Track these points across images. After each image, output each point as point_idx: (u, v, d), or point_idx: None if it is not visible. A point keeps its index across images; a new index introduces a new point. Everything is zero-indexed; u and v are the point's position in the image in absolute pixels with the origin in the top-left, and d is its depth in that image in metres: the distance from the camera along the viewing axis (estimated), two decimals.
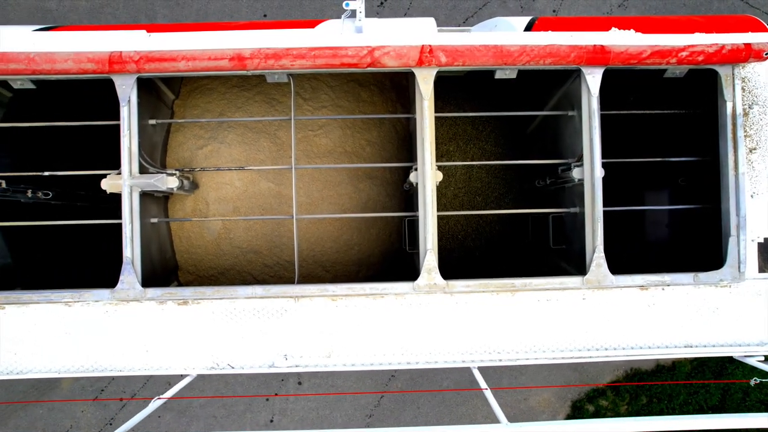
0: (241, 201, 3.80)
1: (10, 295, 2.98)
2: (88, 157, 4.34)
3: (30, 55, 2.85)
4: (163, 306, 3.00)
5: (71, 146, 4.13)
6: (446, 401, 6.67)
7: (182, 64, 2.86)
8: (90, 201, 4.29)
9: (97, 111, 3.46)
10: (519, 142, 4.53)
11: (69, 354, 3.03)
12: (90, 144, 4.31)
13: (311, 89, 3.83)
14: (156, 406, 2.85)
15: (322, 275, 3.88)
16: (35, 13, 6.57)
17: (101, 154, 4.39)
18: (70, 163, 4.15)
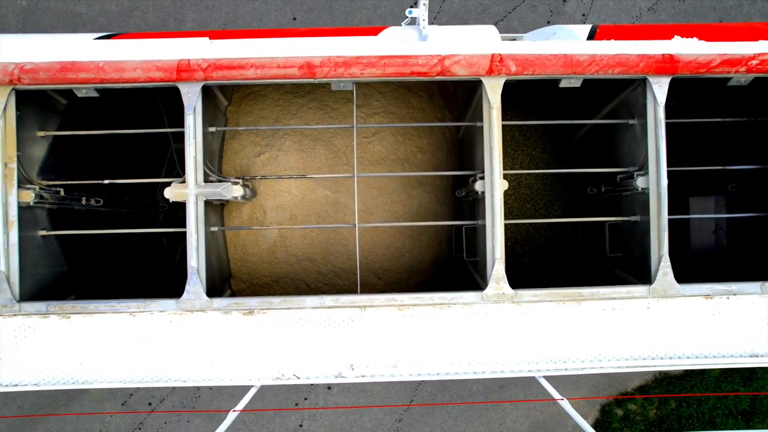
0: (298, 209, 3.78)
1: (77, 305, 2.96)
2: (132, 165, 4.33)
3: (99, 64, 2.84)
4: (228, 316, 2.98)
5: (117, 154, 4.11)
6: (476, 406, 6.66)
7: (251, 72, 2.84)
8: (134, 208, 4.28)
9: (128, 119, 3.46)
10: (565, 149, 4.52)
11: (133, 364, 3.01)
12: (134, 152, 4.30)
13: (363, 96, 3.82)
14: (233, 418, 2.83)
15: (374, 282, 3.87)
16: (64, 17, 6.54)
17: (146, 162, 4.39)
18: (115, 171, 4.14)
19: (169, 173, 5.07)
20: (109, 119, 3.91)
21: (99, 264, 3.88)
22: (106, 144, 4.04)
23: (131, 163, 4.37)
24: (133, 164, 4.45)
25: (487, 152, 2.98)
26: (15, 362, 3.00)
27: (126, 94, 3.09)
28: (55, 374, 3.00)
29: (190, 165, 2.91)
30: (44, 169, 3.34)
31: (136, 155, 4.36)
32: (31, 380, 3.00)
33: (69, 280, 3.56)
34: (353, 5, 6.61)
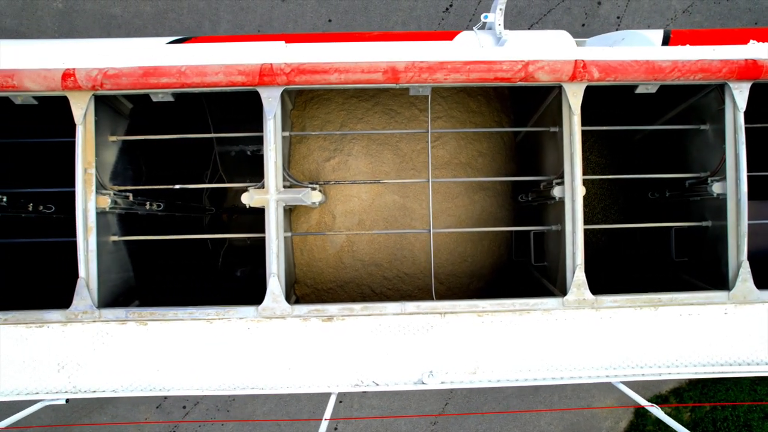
0: (367, 214, 3.77)
1: (155, 312, 2.95)
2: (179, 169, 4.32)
3: (181, 69, 2.82)
4: (307, 323, 2.97)
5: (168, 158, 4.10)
6: (510, 407, 6.66)
7: (334, 77, 2.83)
8: (186, 212, 4.26)
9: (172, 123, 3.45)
10: (621, 153, 4.51)
11: (210, 372, 2.99)
12: (180, 156, 4.29)
13: (423, 100, 3.80)
14: (325, 426, 2.82)
15: (436, 287, 3.85)
16: (100, 20, 6.51)
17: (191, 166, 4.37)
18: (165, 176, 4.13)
19: (212, 177, 5.06)
20: (160, 123, 3.90)
21: (160, 269, 3.87)
22: (157, 148, 4.03)
23: (179, 167, 4.36)
24: (180, 168, 4.44)
25: (567, 158, 2.98)
26: (93, 369, 2.98)
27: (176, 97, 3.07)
28: (133, 381, 2.99)
29: (270, 171, 2.89)
30: (114, 174, 3.33)
31: (182, 159, 4.36)
32: (109, 387, 2.99)
33: (134, 286, 3.54)
34: (389, 7, 6.60)
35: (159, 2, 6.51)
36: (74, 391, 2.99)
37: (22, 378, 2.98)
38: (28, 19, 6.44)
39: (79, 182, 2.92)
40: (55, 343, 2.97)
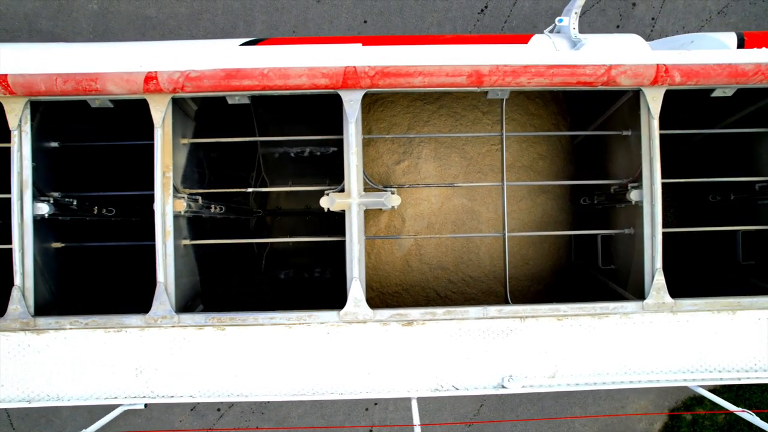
0: (436, 217, 3.75)
1: (235, 317, 2.93)
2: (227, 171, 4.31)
3: (264, 71, 2.80)
4: (387, 327, 2.95)
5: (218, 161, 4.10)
6: (545, 409, 6.65)
7: (418, 80, 2.81)
8: (239, 214, 4.25)
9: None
10: (674, 155, 4.50)
11: (287, 377, 2.98)
12: (228, 158, 4.30)
13: (488, 103, 3.79)
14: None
15: (498, 290, 3.84)
16: (135, 21, 6.48)
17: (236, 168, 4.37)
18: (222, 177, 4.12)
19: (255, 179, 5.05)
20: (216, 125, 3.90)
21: (222, 273, 3.86)
22: (215, 151, 4.02)
23: (230, 169, 4.36)
24: (230, 171, 4.44)
25: (645, 162, 2.97)
26: (170, 374, 2.96)
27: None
28: (210, 387, 2.97)
29: (352, 174, 2.88)
30: (184, 177, 3.31)
31: (233, 162, 4.36)
32: (186, 392, 2.97)
33: (200, 290, 3.52)
34: (424, 8, 6.58)
35: (194, 3, 6.48)
36: (152, 396, 2.97)
37: (101, 382, 2.96)
38: (64, 21, 6.41)
39: (158, 186, 2.90)
40: (133, 348, 2.95)
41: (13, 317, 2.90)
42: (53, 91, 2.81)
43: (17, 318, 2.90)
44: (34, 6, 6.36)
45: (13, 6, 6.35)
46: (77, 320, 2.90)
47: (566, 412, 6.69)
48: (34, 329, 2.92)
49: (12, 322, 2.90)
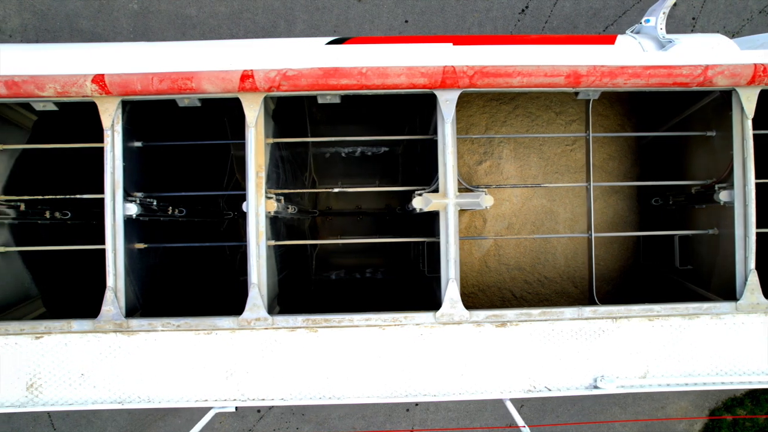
0: (516, 217, 3.74)
1: (329, 318, 2.91)
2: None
3: (362, 70, 2.78)
4: (480, 328, 2.93)
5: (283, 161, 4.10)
6: (585, 410, 6.64)
7: (516, 80, 2.79)
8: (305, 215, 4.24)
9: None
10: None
11: (379, 379, 2.96)
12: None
13: (560, 103, 3.78)
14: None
15: (570, 291, 3.83)
16: (175, 20, 6.45)
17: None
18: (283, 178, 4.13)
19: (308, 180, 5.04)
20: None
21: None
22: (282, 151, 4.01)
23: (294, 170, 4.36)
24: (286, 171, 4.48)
25: (738, 162, 2.95)
26: (261, 376, 2.94)
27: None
28: (301, 389, 2.95)
29: (449, 175, 2.86)
30: (268, 178, 3.29)
31: (291, 162, 4.37)
32: (277, 395, 2.95)
33: (278, 291, 3.50)
34: (465, 8, 6.56)
35: (234, 2, 6.45)
36: (242, 398, 2.94)
37: (192, 385, 2.93)
38: (104, 21, 6.37)
39: (251, 186, 2.88)
40: (223, 350, 2.93)
41: (106, 318, 2.88)
42: (148, 91, 2.79)
43: (111, 319, 2.88)
44: (75, 6, 6.32)
45: (54, 6, 6.31)
46: (169, 322, 2.88)
47: (606, 412, 6.68)
48: (126, 331, 2.89)
49: (106, 323, 2.88)
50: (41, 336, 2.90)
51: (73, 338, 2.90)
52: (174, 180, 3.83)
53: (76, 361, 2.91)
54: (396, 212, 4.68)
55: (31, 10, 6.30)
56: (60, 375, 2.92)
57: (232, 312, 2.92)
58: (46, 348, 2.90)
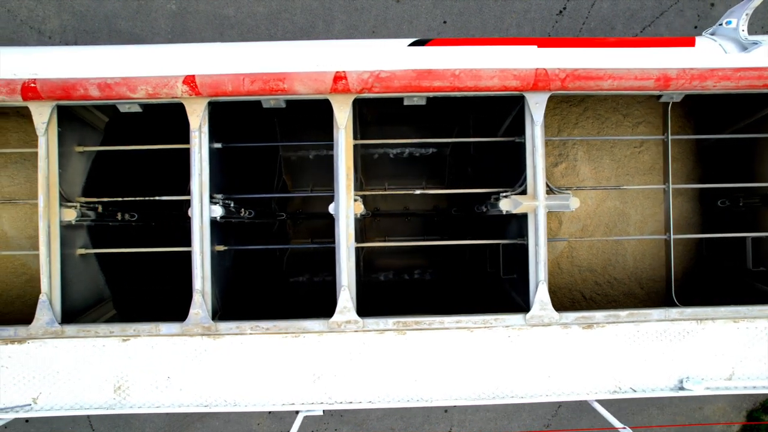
0: (591, 219, 3.75)
1: (420, 320, 2.91)
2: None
3: (455, 72, 2.78)
4: (567, 330, 2.93)
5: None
6: (622, 410, 6.64)
7: (607, 83, 2.80)
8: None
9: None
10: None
11: (467, 380, 2.95)
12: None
13: (626, 105, 3.78)
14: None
15: (636, 292, 3.84)
16: (213, 20, 6.43)
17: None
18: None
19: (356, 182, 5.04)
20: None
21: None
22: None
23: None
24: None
25: None
26: (348, 379, 2.94)
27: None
28: (389, 391, 2.94)
29: (538, 177, 2.86)
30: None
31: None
32: (365, 398, 2.94)
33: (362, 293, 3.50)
34: (503, 9, 6.57)
35: (272, 3, 6.44)
36: (330, 402, 2.94)
37: (278, 388, 2.92)
38: (143, 21, 6.35)
39: (341, 188, 2.87)
40: (311, 353, 2.92)
41: (195, 322, 2.87)
42: (239, 92, 2.78)
43: (199, 323, 2.87)
44: (114, 7, 6.30)
45: (93, 7, 6.29)
46: (258, 325, 2.87)
47: (643, 413, 6.69)
48: (214, 334, 2.88)
49: (194, 326, 2.87)
50: (128, 339, 2.89)
51: (160, 341, 2.90)
52: (240, 182, 3.82)
53: (163, 364, 2.90)
54: (452, 214, 4.68)
55: (71, 12, 6.28)
56: (147, 378, 2.91)
57: (286, 314, 2.93)
58: (133, 351, 2.89)
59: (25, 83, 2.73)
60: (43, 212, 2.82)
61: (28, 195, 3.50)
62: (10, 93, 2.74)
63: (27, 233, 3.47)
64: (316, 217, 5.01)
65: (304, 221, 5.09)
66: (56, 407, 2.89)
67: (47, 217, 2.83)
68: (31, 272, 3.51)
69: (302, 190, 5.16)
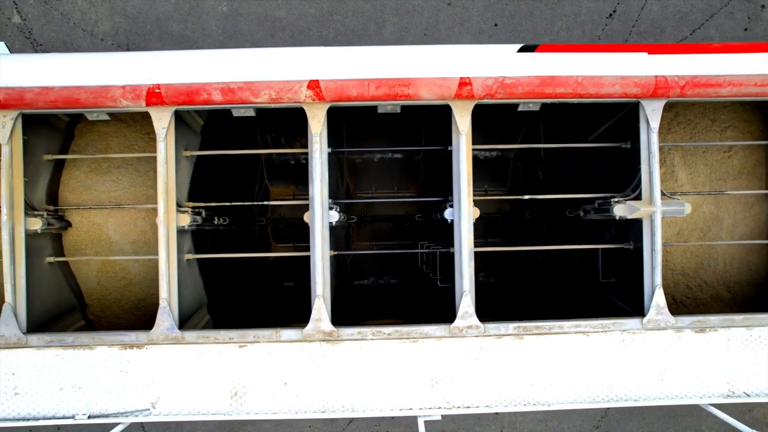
0: (687, 223, 3.77)
1: (540, 325, 2.92)
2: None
3: (578, 80, 2.79)
4: (680, 334, 2.95)
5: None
6: (672, 412, 6.68)
7: (726, 90, 2.81)
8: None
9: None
10: None
11: (583, 384, 2.96)
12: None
13: (713, 110, 3.81)
14: None
15: (723, 295, 3.86)
16: (264, 22, 6.42)
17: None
18: None
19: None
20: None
21: None
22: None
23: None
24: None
25: None
26: (466, 384, 2.94)
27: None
28: (507, 396, 2.95)
29: (655, 183, 2.87)
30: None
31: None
32: (482, 402, 2.95)
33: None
34: (554, 12, 6.58)
35: (323, 5, 6.43)
36: (448, 406, 2.94)
37: (396, 393, 2.93)
38: (194, 23, 6.34)
39: (464, 193, 2.87)
40: (429, 358, 2.93)
41: (316, 328, 2.87)
42: (363, 97, 2.78)
43: (320, 329, 2.87)
44: (165, 9, 6.29)
45: (145, 9, 6.27)
46: (380, 330, 2.87)
47: (692, 415, 6.72)
48: (334, 340, 2.88)
49: (315, 332, 2.87)
50: (245, 345, 2.88)
51: (277, 347, 2.90)
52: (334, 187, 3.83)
53: (279, 370, 2.90)
54: (525, 217, 4.70)
55: (123, 14, 6.26)
56: (263, 384, 2.91)
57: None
58: (250, 357, 2.89)
59: (150, 89, 2.72)
60: (164, 217, 2.81)
61: (132, 200, 3.49)
62: (135, 99, 2.73)
63: (131, 238, 3.46)
64: (380, 220, 5.05)
65: (370, 223, 5.13)
66: (174, 412, 2.88)
67: (167, 222, 2.83)
68: (130, 277, 3.50)
69: (366, 193, 5.18)
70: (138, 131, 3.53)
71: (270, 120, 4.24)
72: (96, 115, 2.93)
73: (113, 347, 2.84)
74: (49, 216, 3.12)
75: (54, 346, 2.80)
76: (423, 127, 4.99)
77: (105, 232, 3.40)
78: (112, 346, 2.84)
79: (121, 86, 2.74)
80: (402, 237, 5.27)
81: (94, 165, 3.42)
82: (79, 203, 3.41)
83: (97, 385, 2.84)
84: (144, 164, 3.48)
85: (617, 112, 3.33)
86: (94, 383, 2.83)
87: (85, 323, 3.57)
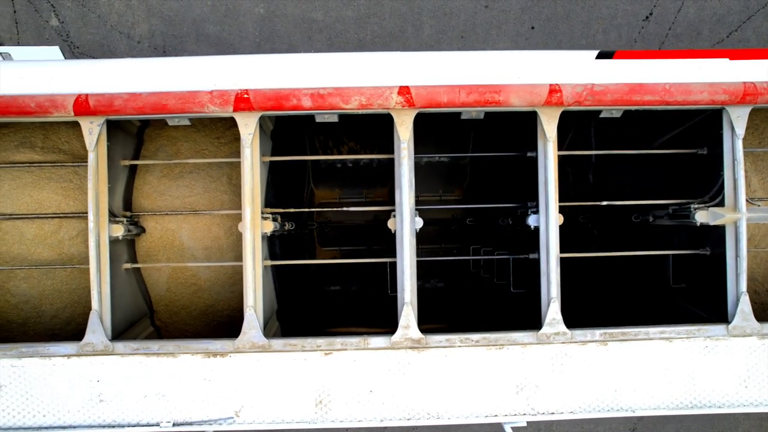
0: (757, 229, 3.74)
1: (626, 331, 2.91)
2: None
3: (666, 87, 2.78)
4: (764, 340, 2.95)
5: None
6: (708, 414, 6.68)
7: None
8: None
9: None
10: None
11: (665, 390, 2.96)
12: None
13: (766, 118, 3.83)
14: None
15: (755, 299, 3.89)
16: (301, 24, 6.40)
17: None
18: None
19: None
20: None
21: None
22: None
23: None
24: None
25: None
26: (551, 390, 2.93)
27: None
28: (591, 402, 2.95)
29: (740, 189, 2.87)
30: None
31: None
32: (566, 408, 2.94)
33: None
34: (590, 15, 6.59)
35: (361, 7, 6.42)
36: (532, 413, 2.93)
37: (481, 400, 2.92)
38: (230, 25, 6.32)
39: (551, 199, 2.87)
40: (514, 365, 2.92)
41: (404, 335, 2.86)
42: (453, 103, 2.77)
43: (409, 336, 2.85)
44: (202, 11, 6.26)
45: (181, 12, 6.25)
46: (468, 338, 2.86)
47: (729, 418, 6.74)
48: (422, 347, 2.87)
49: (403, 339, 2.86)
50: (330, 353, 2.87)
51: (363, 355, 2.88)
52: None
53: (365, 378, 2.89)
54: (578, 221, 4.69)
55: (159, 16, 6.23)
56: (348, 391, 2.89)
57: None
58: (335, 364, 2.87)
59: (238, 94, 2.71)
60: (250, 224, 2.80)
61: (206, 205, 3.47)
62: (222, 104, 2.71)
63: (204, 244, 3.44)
64: (428, 224, 5.10)
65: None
66: (258, 421, 2.87)
67: (253, 229, 2.81)
68: (199, 283, 3.48)
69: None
70: (207, 135, 3.51)
71: (320, 125, 4.21)
72: (177, 120, 2.91)
73: (196, 355, 2.82)
74: (127, 222, 3.10)
75: (140, 353, 2.78)
76: (471, 131, 4.97)
77: (178, 238, 3.37)
78: (196, 354, 2.82)
79: (209, 91, 2.72)
80: (448, 240, 5.26)
81: (166, 170, 3.41)
82: (153, 209, 3.38)
83: (181, 393, 2.82)
84: (216, 169, 3.46)
85: (689, 118, 3.33)
86: (178, 391, 2.82)
87: (153, 330, 3.55)
